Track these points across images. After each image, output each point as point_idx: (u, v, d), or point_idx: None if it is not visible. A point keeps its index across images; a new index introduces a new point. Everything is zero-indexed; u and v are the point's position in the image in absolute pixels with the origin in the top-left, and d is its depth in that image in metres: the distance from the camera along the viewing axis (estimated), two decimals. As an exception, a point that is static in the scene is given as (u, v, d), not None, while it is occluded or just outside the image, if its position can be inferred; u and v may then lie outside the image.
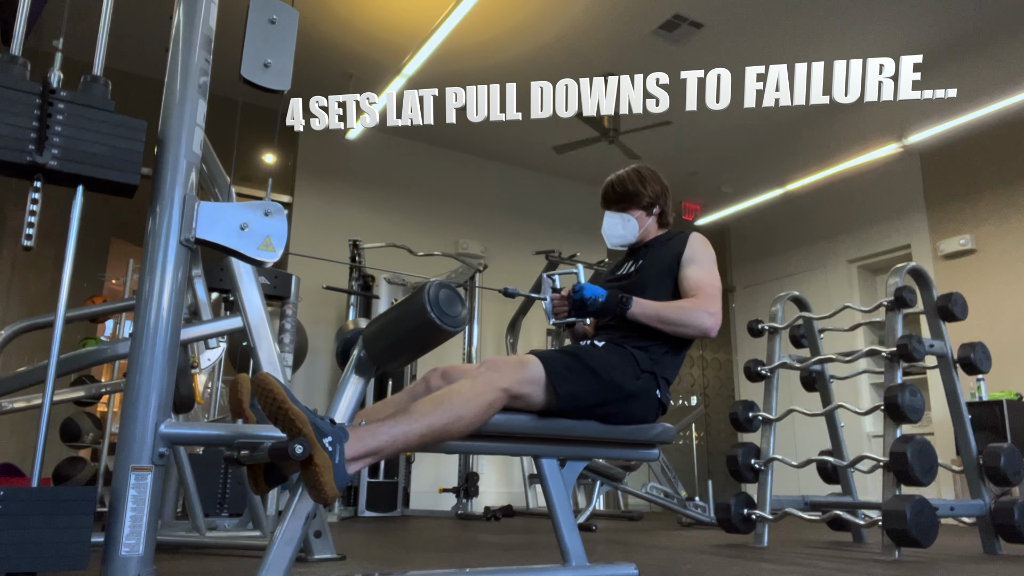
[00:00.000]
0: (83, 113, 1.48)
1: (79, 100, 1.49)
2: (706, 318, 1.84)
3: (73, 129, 1.46)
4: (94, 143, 1.48)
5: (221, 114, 2.29)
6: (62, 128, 1.45)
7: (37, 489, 1.35)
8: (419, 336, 1.46)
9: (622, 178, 2.16)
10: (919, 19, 4.80)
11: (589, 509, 4.49)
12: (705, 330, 1.85)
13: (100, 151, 1.48)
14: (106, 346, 2.30)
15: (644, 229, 2.14)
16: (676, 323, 1.84)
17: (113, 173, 1.49)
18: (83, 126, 1.48)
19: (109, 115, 1.51)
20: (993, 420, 4.84)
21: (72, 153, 1.45)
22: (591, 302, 1.84)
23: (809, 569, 2.31)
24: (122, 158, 1.50)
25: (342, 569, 2.11)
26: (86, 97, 1.51)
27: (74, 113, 1.47)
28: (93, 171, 1.47)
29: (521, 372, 1.61)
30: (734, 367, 8.12)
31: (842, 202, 7.14)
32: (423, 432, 1.44)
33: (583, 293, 1.85)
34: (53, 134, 1.44)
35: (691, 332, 1.86)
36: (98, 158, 1.48)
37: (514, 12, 4.83)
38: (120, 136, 1.50)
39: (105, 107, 1.52)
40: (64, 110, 1.46)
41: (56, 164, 1.43)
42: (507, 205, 7.09)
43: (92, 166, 1.47)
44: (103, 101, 1.52)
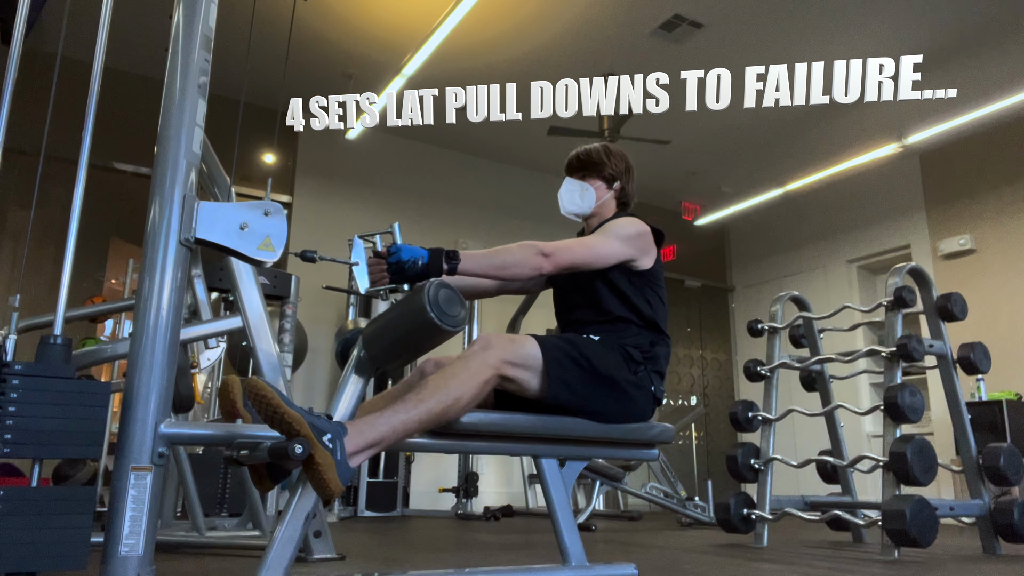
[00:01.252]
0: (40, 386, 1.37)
1: (35, 371, 1.38)
2: (536, 256, 1.71)
3: (28, 407, 1.35)
4: (53, 418, 1.37)
5: (221, 114, 2.29)
6: (16, 408, 1.34)
7: (37, 489, 1.35)
8: (419, 336, 1.46)
9: (588, 149, 2.14)
10: (919, 19, 4.80)
11: (589, 509, 4.49)
12: (536, 268, 1.72)
13: (58, 427, 1.37)
14: (106, 346, 2.30)
15: (601, 202, 2.10)
16: (509, 265, 1.71)
17: (71, 450, 1.39)
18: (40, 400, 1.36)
19: (69, 383, 1.41)
20: (993, 420, 4.84)
21: (27, 435, 1.34)
22: (410, 264, 1.60)
23: (808, 569, 2.31)
24: (83, 431, 1.40)
25: (342, 569, 2.11)
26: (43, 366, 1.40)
27: (30, 388, 1.36)
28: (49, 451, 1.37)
29: (514, 349, 1.60)
30: (734, 367, 8.12)
31: (842, 202, 7.15)
32: (421, 418, 1.44)
33: (400, 255, 1.60)
34: (6, 416, 1.33)
35: (525, 271, 1.72)
36: (56, 435, 1.37)
37: (514, 12, 4.83)
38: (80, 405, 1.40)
39: (64, 375, 1.41)
40: (19, 386, 1.35)
41: (9, 451, 1.32)
42: (507, 205, 7.09)
43: (49, 446, 1.36)
44: (62, 367, 1.42)
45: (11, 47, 1.67)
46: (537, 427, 1.66)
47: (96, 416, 1.41)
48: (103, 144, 2.12)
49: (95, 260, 5.62)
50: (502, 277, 1.75)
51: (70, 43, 2.52)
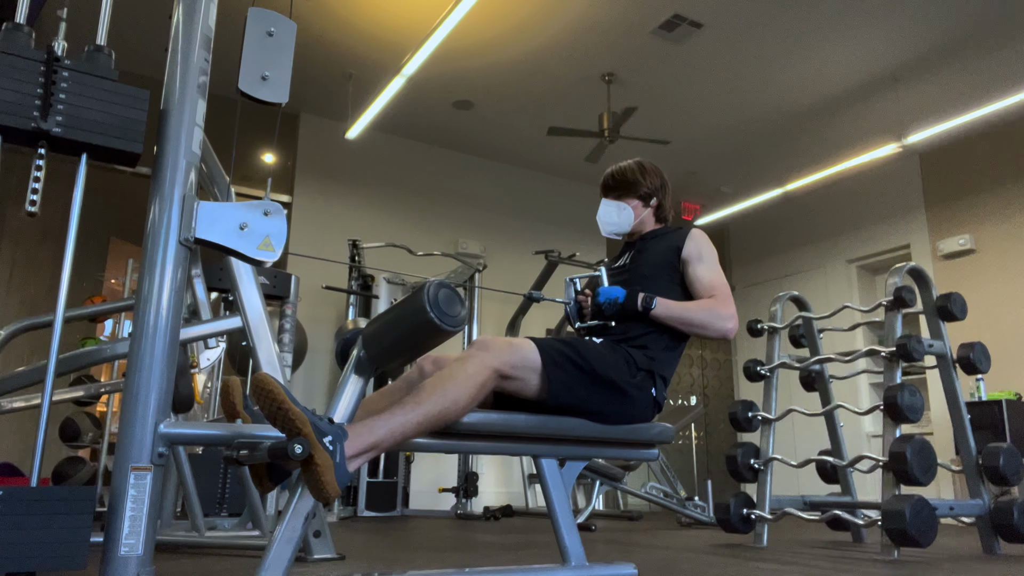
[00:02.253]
0: (87, 81, 1.49)
1: (83, 68, 1.49)
2: (728, 320, 1.86)
3: (77, 97, 1.47)
4: (98, 111, 1.49)
5: (221, 114, 2.29)
6: (66, 96, 1.46)
7: (36, 489, 1.35)
8: (418, 336, 1.46)
9: (622, 168, 2.17)
10: (918, 19, 4.81)
11: (588, 509, 4.49)
12: (726, 332, 1.86)
13: (104, 119, 1.49)
14: (105, 346, 2.30)
15: (640, 220, 2.13)
16: (698, 324, 1.86)
17: (117, 141, 1.50)
18: (87, 94, 1.48)
19: (113, 84, 1.52)
20: (992, 420, 4.84)
21: (76, 120, 1.46)
22: (608, 304, 1.85)
23: (808, 569, 2.31)
24: (125, 127, 1.51)
25: (341, 569, 2.11)
26: (90, 66, 1.51)
27: (78, 81, 1.48)
28: (97, 139, 1.48)
29: (512, 352, 1.61)
30: (733, 367, 8.13)
31: (841, 202, 7.15)
32: (420, 421, 1.44)
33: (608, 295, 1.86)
34: (57, 101, 1.45)
35: (711, 334, 1.88)
36: (102, 126, 1.48)
37: (513, 12, 4.83)
38: (123, 105, 1.51)
39: (109, 76, 1.52)
40: (68, 78, 1.47)
41: (60, 131, 1.44)
42: (506, 205, 7.09)
43: (96, 134, 1.48)
44: (107, 70, 1.53)
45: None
46: (537, 427, 1.66)
47: (136, 117, 1.53)
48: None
49: (95, 260, 5.63)
50: (687, 332, 1.90)
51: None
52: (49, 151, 1.49)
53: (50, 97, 1.44)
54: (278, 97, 1.66)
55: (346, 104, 5.84)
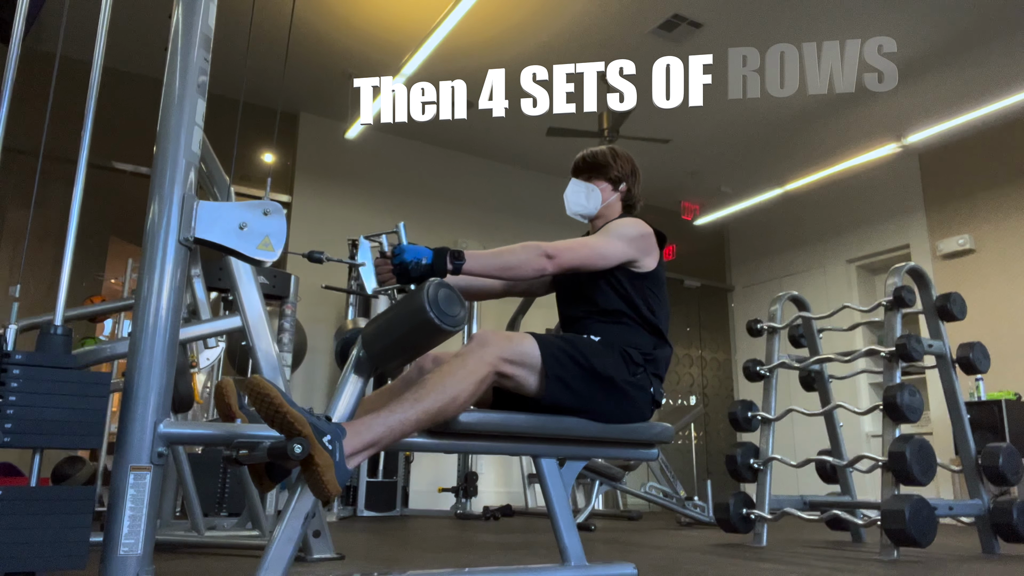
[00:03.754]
0: (41, 376, 1.36)
1: (36, 361, 1.38)
2: (540, 257, 1.72)
3: (29, 396, 1.35)
4: (52, 408, 1.37)
5: (220, 113, 2.29)
6: (17, 398, 1.34)
7: (36, 488, 1.35)
8: (418, 336, 1.46)
9: (594, 151, 2.14)
10: (918, 19, 4.80)
11: (588, 509, 4.49)
12: (539, 269, 1.73)
13: (59, 416, 1.37)
14: (105, 345, 2.30)
15: (607, 204, 2.09)
16: (513, 266, 1.71)
17: (74, 440, 1.40)
18: (41, 390, 1.36)
19: (69, 373, 1.40)
20: (992, 420, 4.84)
21: (28, 425, 1.34)
22: (413, 265, 1.62)
23: (808, 569, 2.31)
24: (82, 420, 1.39)
25: (341, 569, 2.12)
26: (44, 356, 1.40)
27: (31, 377, 1.35)
28: (49, 441, 1.37)
29: (511, 347, 1.59)
30: (733, 367, 8.12)
31: (841, 202, 7.15)
32: (419, 418, 1.44)
33: (404, 256, 1.63)
34: (7, 405, 1.32)
35: (528, 272, 1.73)
36: (57, 425, 1.37)
37: (512, 12, 4.82)
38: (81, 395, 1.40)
39: (65, 365, 1.41)
40: (20, 376, 1.35)
41: (9, 440, 1.32)
42: (506, 205, 7.09)
43: (49, 435, 1.36)
44: (63, 357, 1.42)
45: (10, 47, 1.67)
46: (536, 427, 1.66)
47: (97, 407, 1.41)
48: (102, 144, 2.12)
49: (94, 260, 5.62)
50: (506, 277, 1.77)
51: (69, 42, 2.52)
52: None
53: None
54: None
55: (346, 104, 5.84)
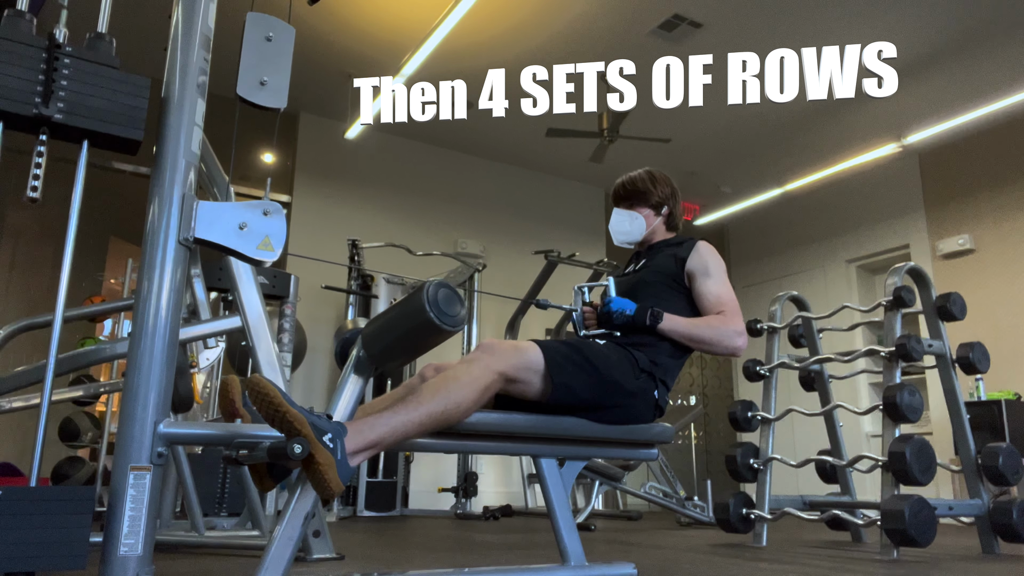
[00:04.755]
0: (89, 69, 1.49)
1: (85, 56, 1.50)
2: (736, 337, 1.85)
3: (79, 84, 1.47)
4: (99, 98, 1.49)
5: (220, 113, 2.29)
6: (68, 82, 1.46)
7: (36, 488, 1.35)
8: (418, 336, 1.46)
9: (633, 177, 2.18)
10: (919, 19, 4.81)
11: (588, 509, 4.49)
12: (734, 349, 1.85)
13: (105, 106, 1.49)
14: (105, 345, 2.30)
15: (651, 229, 2.15)
16: (705, 341, 1.85)
17: (118, 128, 1.50)
18: (88, 81, 1.48)
19: (114, 71, 1.52)
20: (992, 420, 4.84)
21: (77, 107, 1.46)
22: (617, 315, 1.84)
23: (808, 569, 2.31)
24: (127, 114, 1.51)
25: (341, 569, 2.11)
26: (92, 53, 1.52)
27: (80, 68, 1.48)
28: (98, 125, 1.47)
29: (517, 356, 1.61)
30: (733, 367, 8.12)
31: (841, 202, 7.15)
32: (422, 420, 1.44)
33: (611, 306, 1.85)
34: (59, 88, 1.44)
35: (719, 351, 1.87)
36: (103, 113, 1.48)
37: (512, 12, 4.83)
38: (125, 92, 1.52)
39: (110, 63, 1.52)
40: (70, 65, 1.47)
41: (62, 117, 1.44)
42: (506, 205, 7.09)
43: (97, 120, 1.48)
44: (108, 58, 1.53)
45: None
46: (537, 427, 1.66)
47: (139, 104, 1.52)
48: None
49: (94, 260, 5.62)
50: (693, 348, 1.89)
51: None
52: (50, 138, 1.49)
53: (51, 84, 1.44)
54: (277, 102, 1.66)
55: (346, 104, 5.84)
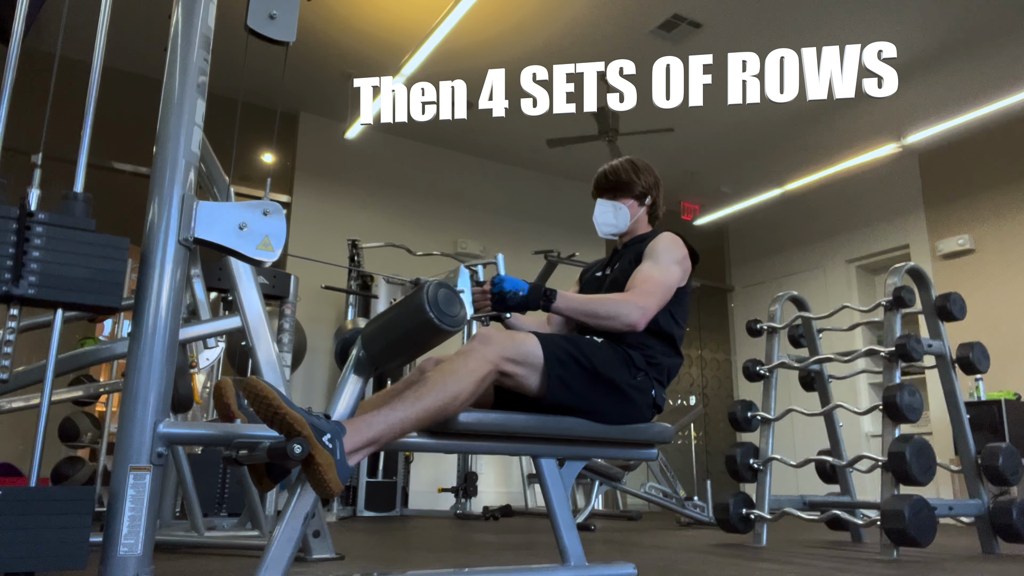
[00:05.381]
0: (63, 235, 1.41)
1: (59, 222, 1.41)
2: (633, 311, 1.75)
3: (52, 253, 1.39)
4: (74, 266, 1.41)
5: (220, 113, 2.29)
6: (40, 253, 1.38)
7: (35, 489, 1.35)
8: (418, 336, 1.46)
9: (615, 167, 2.14)
10: (919, 19, 4.81)
11: (588, 509, 4.49)
12: (631, 324, 1.75)
13: (80, 274, 1.42)
14: (104, 346, 2.30)
15: (635, 219, 2.11)
16: (602, 316, 1.76)
17: (93, 297, 1.43)
18: (63, 248, 1.40)
19: (89, 235, 1.44)
20: (991, 420, 4.84)
21: (51, 279, 1.39)
22: (511, 295, 1.76)
23: (807, 569, 2.31)
24: (103, 280, 1.44)
25: (341, 569, 2.11)
26: (66, 218, 1.43)
27: (53, 236, 1.40)
28: (73, 296, 1.41)
29: (514, 347, 1.60)
30: (733, 367, 8.12)
31: (841, 202, 7.15)
32: (419, 416, 1.44)
33: (503, 286, 1.78)
34: (31, 259, 1.37)
35: (618, 326, 1.76)
36: (78, 282, 1.41)
37: (512, 12, 4.83)
38: (101, 256, 1.44)
39: (86, 227, 1.44)
40: (43, 234, 1.39)
41: (34, 292, 1.37)
42: (506, 205, 7.09)
43: (72, 291, 1.41)
44: (84, 220, 1.45)
45: (10, 47, 1.67)
46: (536, 427, 1.66)
47: (116, 268, 1.46)
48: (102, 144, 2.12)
49: (94, 260, 5.61)
50: (592, 325, 1.80)
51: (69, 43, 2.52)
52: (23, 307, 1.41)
53: (23, 256, 1.36)
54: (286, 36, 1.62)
55: (346, 104, 5.84)
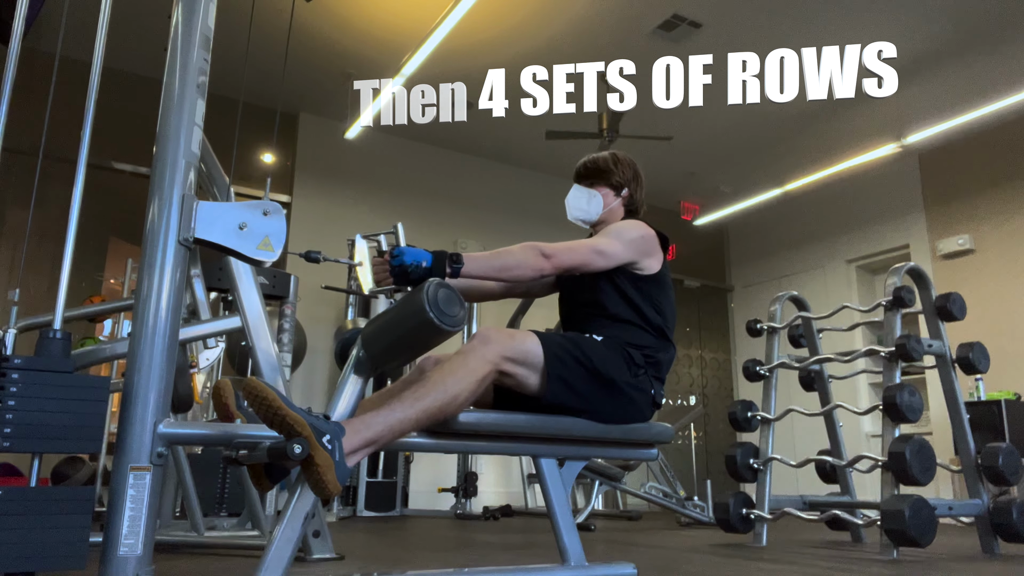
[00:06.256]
0: (40, 380, 1.38)
1: (35, 366, 1.38)
2: (537, 258, 1.70)
3: (27, 400, 1.36)
4: (51, 411, 1.38)
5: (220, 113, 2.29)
6: (15, 401, 1.35)
7: (36, 489, 1.35)
8: (418, 336, 1.46)
9: (595, 157, 2.13)
10: (919, 20, 4.80)
11: (588, 509, 4.49)
12: (537, 269, 1.70)
13: (57, 420, 1.38)
14: (105, 346, 2.30)
15: (609, 209, 2.08)
16: (512, 267, 1.69)
17: (72, 445, 1.41)
18: (39, 394, 1.37)
19: (68, 377, 1.41)
20: (991, 420, 4.84)
21: (27, 429, 1.35)
22: (413, 267, 1.57)
23: (807, 569, 2.31)
24: (81, 425, 1.40)
25: (341, 569, 2.12)
26: (43, 360, 1.41)
27: (30, 382, 1.37)
28: (50, 446, 1.39)
29: (514, 346, 1.59)
30: (733, 367, 8.12)
31: (841, 202, 7.15)
32: (419, 416, 1.44)
33: (403, 258, 1.57)
34: (5, 410, 1.34)
35: (527, 273, 1.70)
36: (55, 430, 1.38)
37: (512, 12, 4.82)
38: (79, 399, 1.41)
39: (63, 368, 1.42)
40: (18, 380, 1.36)
41: (9, 445, 1.34)
42: (506, 205, 7.09)
43: (48, 440, 1.38)
44: (61, 362, 1.42)
45: (10, 47, 1.67)
46: (536, 427, 1.66)
47: (95, 411, 1.42)
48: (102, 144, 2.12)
49: (94, 260, 5.62)
50: (504, 279, 1.74)
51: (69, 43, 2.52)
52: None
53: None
54: None
55: (346, 104, 5.84)
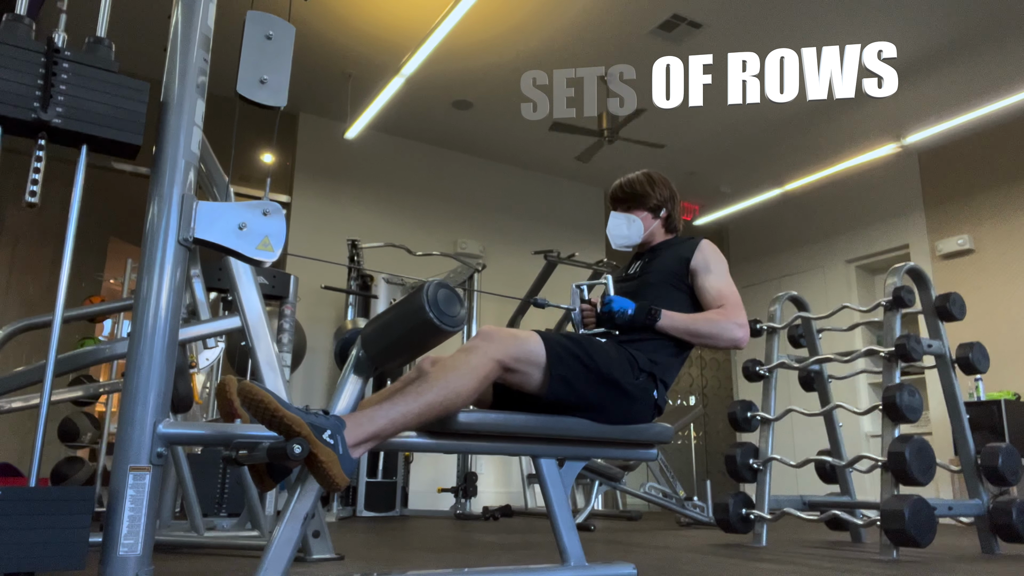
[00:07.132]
0: (87, 73, 1.50)
1: (83, 60, 1.51)
2: (736, 330, 1.87)
3: (77, 88, 1.48)
4: (98, 102, 1.50)
5: (220, 114, 2.29)
6: (66, 87, 1.47)
7: (35, 489, 1.35)
8: (417, 336, 1.46)
9: (631, 180, 2.18)
10: (919, 20, 4.81)
11: (588, 509, 4.49)
12: (736, 341, 1.87)
13: (104, 110, 1.50)
14: (104, 346, 2.30)
15: (650, 231, 2.14)
16: (706, 336, 1.86)
17: (117, 132, 1.51)
18: (87, 85, 1.49)
19: (113, 75, 1.53)
20: (991, 420, 4.84)
21: (76, 112, 1.47)
22: (619, 314, 1.84)
23: (807, 569, 2.31)
24: (126, 118, 1.52)
25: (340, 569, 2.11)
26: (91, 57, 1.52)
27: (78, 73, 1.49)
28: (97, 130, 1.49)
29: (517, 345, 1.60)
30: (732, 367, 8.13)
31: (840, 202, 7.15)
32: (421, 411, 1.44)
33: (611, 306, 1.85)
34: (58, 92, 1.45)
35: (721, 344, 1.88)
36: (102, 117, 1.49)
37: (512, 12, 4.83)
38: (124, 96, 1.53)
39: (109, 67, 1.53)
40: (68, 69, 1.48)
41: (60, 122, 1.45)
42: (506, 205, 7.09)
43: (96, 124, 1.49)
44: (107, 62, 1.54)
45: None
46: (536, 427, 1.66)
47: (137, 108, 1.54)
48: (102, 144, 2.12)
49: (94, 260, 5.62)
50: (694, 343, 1.90)
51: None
52: (49, 142, 1.49)
53: (50, 88, 1.45)
54: (277, 101, 1.66)
55: (345, 104, 5.84)
